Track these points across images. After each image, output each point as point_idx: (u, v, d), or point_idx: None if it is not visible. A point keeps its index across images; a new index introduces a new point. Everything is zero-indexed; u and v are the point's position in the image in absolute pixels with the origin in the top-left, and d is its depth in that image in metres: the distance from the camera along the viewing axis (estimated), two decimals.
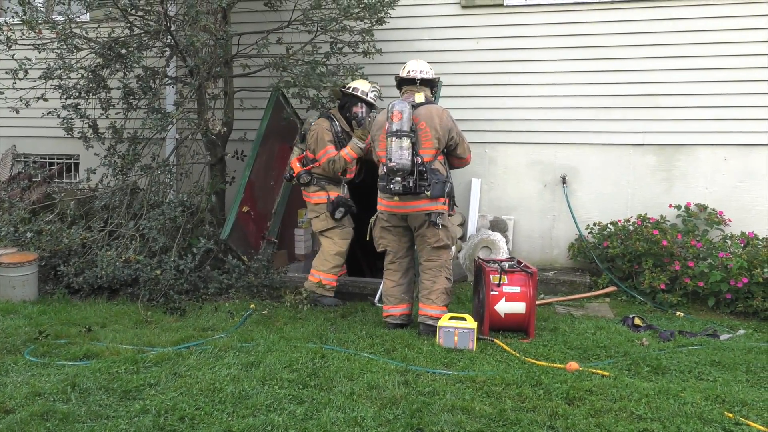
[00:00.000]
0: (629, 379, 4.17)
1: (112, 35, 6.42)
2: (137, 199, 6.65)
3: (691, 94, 6.71)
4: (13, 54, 6.30)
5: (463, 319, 4.77)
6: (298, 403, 3.72)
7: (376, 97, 6.07)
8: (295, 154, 6.14)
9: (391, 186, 4.89)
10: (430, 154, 4.98)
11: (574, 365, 4.30)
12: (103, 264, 5.82)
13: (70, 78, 6.51)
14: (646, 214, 6.62)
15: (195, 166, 7.10)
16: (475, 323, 4.77)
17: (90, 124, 6.72)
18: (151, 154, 6.82)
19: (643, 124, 6.86)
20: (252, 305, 5.74)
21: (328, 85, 6.36)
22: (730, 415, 3.64)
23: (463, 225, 7.11)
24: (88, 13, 6.94)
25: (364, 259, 7.34)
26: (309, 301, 5.79)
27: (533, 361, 4.47)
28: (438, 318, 4.88)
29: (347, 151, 5.87)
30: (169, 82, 6.98)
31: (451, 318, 4.79)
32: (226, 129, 6.64)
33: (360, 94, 5.97)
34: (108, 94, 6.70)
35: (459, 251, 6.87)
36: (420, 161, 4.90)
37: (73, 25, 6.30)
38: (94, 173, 6.80)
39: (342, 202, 5.93)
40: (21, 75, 6.27)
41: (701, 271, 5.98)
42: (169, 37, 6.21)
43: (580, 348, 4.77)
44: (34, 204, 7.17)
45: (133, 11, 6.19)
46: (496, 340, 4.85)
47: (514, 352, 4.63)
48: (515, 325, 5.08)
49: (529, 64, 7.07)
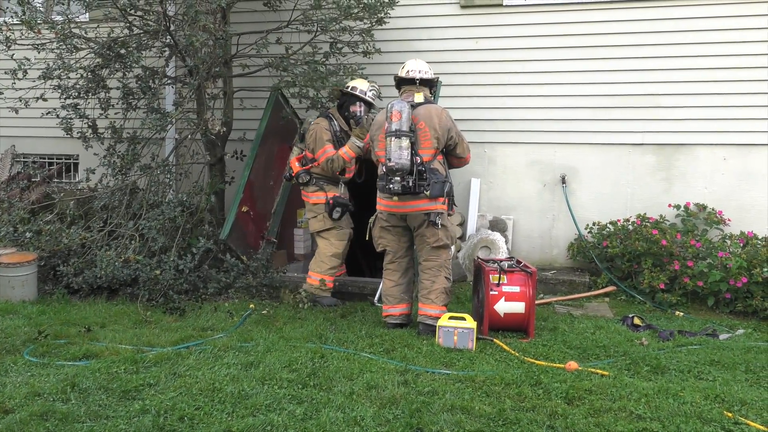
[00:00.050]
0: (629, 378, 4.17)
1: (111, 35, 6.42)
2: (136, 199, 6.65)
3: (690, 93, 6.72)
4: (13, 54, 6.30)
5: (463, 318, 4.77)
6: (297, 403, 3.72)
7: (374, 96, 6.07)
8: (294, 154, 6.14)
9: (391, 186, 4.89)
10: (429, 154, 4.98)
11: (573, 365, 4.30)
12: (103, 264, 5.82)
13: (69, 78, 6.52)
14: (645, 214, 6.63)
15: (194, 166, 7.10)
16: (475, 323, 4.77)
17: (89, 124, 6.72)
18: (151, 154, 6.82)
19: (643, 124, 6.86)
20: (251, 305, 5.74)
21: (329, 86, 6.36)
22: (730, 414, 3.64)
23: (462, 225, 7.11)
24: (87, 13, 6.95)
25: (364, 258, 7.34)
26: (308, 300, 5.81)
27: (533, 360, 4.47)
28: (437, 318, 4.88)
29: (345, 150, 5.86)
30: (169, 82, 6.99)
31: (450, 318, 4.79)
32: (225, 129, 6.64)
33: (358, 93, 5.97)
34: (107, 94, 6.71)
35: (458, 251, 6.87)
36: (419, 161, 4.90)
37: (72, 25, 6.30)
38: (94, 173, 6.80)
39: (339, 203, 5.91)
40: (20, 75, 6.27)
41: (700, 271, 5.98)
42: (168, 37, 6.21)
43: (579, 347, 4.78)
44: (33, 204, 7.17)
45: (132, 11, 6.19)
46: (495, 340, 4.85)
47: (513, 352, 4.63)
48: (515, 325, 5.08)
49: (529, 63, 7.08)
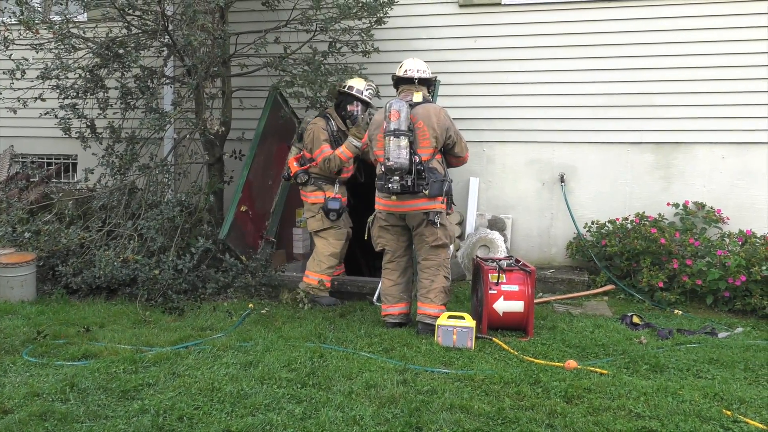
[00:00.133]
0: (627, 377, 4.17)
1: (109, 35, 6.42)
2: (135, 198, 6.64)
3: (689, 92, 6.72)
4: (11, 54, 6.29)
5: (462, 317, 4.77)
6: (296, 403, 3.72)
7: (371, 96, 6.06)
8: (292, 154, 6.14)
9: (390, 185, 4.89)
10: (428, 153, 4.98)
11: (572, 363, 4.31)
12: (102, 264, 5.81)
13: (67, 78, 6.51)
14: (644, 213, 6.63)
15: (193, 166, 7.10)
16: (474, 322, 4.77)
17: (88, 124, 6.71)
18: (149, 154, 6.81)
19: (641, 123, 6.86)
20: (250, 305, 5.74)
21: (327, 86, 6.35)
22: (729, 412, 3.64)
23: (461, 224, 7.10)
24: (85, 13, 6.95)
25: (363, 258, 7.34)
26: (307, 300, 5.81)
27: (532, 359, 4.47)
28: (436, 317, 4.88)
29: (342, 150, 5.85)
30: (167, 81, 6.98)
31: (449, 317, 4.79)
32: (224, 128, 6.63)
33: (355, 92, 5.95)
34: (106, 94, 6.71)
35: (457, 250, 6.87)
36: (418, 160, 4.90)
37: (70, 25, 6.29)
38: (92, 173, 6.81)
39: (329, 209, 5.83)
40: (18, 75, 6.27)
41: (699, 269, 5.99)
42: (166, 36, 6.21)
43: (578, 346, 4.78)
44: (32, 204, 7.17)
45: (130, 11, 6.19)
46: (494, 339, 4.85)
47: (512, 351, 4.63)
48: (514, 324, 5.08)
49: (527, 62, 7.08)
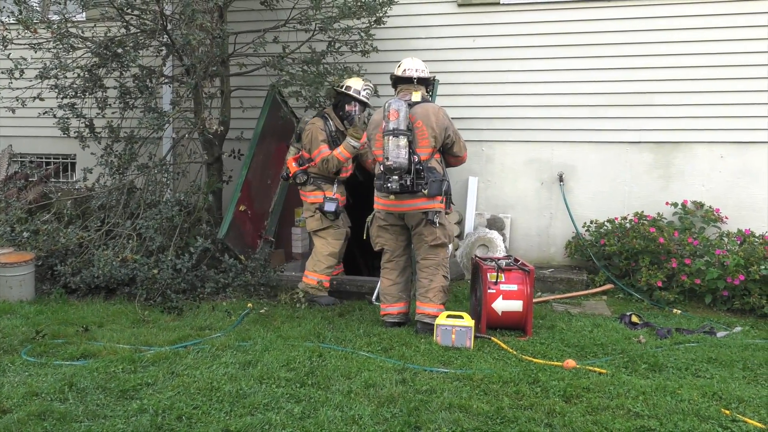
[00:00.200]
0: (626, 376, 4.18)
1: (108, 34, 6.41)
2: (134, 198, 6.64)
3: (687, 91, 6.72)
4: (9, 53, 6.28)
5: (461, 317, 4.77)
6: (295, 402, 3.72)
7: (369, 96, 6.05)
8: (291, 154, 6.13)
9: (389, 185, 4.89)
10: (427, 153, 4.98)
11: (571, 363, 4.31)
12: (100, 263, 5.81)
13: (66, 77, 6.50)
14: (643, 212, 6.63)
15: (192, 166, 7.09)
16: (473, 321, 4.78)
17: (86, 123, 6.70)
18: (148, 154, 6.81)
19: (640, 122, 6.86)
20: (249, 304, 5.74)
21: (325, 87, 6.35)
22: (727, 411, 3.64)
23: (460, 223, 7.10)
24: (84, 13, 6.92)
25: (362, 257, 7.34)
26: (306, 299, 5.81)
27: (530, 358, 4.47)
28: (435, 316, 4.88)
29: (340, 151, 5.83)
30: (166, 81, 6.97)
31: (448, 316, 4.79)
32: (223, 128, 6.63)
33: (353, 92, 5.95)
34: (104, 94, 6.70)
35: (456, 249, 6.87)
36: (417, 160, 4.91)
37: (69, 25, 6.29)
38: (91, 173, 6.80)
39: (323, 211, 5.82)
40: (17, 74, 6.26)
41: (698, 269, 5.99)
42: (165, 36, 6.20)
43: (577, 346, 4.78)
44: (30, 204, 7.16)
45: (129, 10, 6.18)
46: (493, 338, 4.86)
47: (511, 350, 4.63)
48: (512, 323, 5.09)
49: (526, 62, 7.08)
